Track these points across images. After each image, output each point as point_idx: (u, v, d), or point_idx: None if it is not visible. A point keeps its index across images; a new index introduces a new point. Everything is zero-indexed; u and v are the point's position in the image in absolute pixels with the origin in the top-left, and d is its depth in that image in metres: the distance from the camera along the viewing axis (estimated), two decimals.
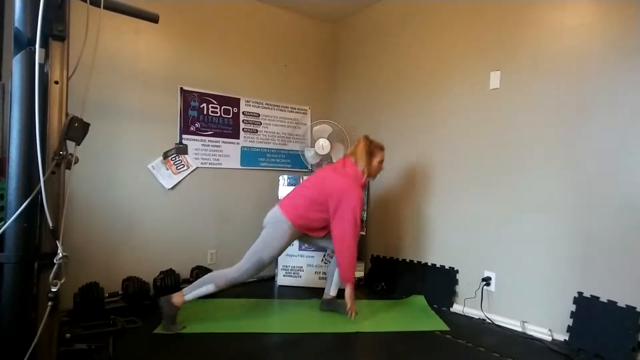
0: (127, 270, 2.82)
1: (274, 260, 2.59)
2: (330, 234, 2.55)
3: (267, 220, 2.53)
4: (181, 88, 3.14)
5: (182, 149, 3.14)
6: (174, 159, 3.10)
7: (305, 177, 3.29)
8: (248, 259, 2.42)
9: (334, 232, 2.49)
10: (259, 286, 3.29)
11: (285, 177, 3.35)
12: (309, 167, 3.70)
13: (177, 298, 2.29)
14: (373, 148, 2.62)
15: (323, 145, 3.40)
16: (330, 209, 2.47)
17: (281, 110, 3.71)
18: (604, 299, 2.12)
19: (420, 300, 2.90)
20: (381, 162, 2.66)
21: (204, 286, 2.33)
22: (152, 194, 3.00)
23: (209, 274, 2.41)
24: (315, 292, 3.02)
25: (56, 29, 1.35)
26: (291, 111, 3.77)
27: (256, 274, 2.44)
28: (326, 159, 3.51)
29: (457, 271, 2.85)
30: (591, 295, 2.16)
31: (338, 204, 2.45)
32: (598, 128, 2.18)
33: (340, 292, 2.70)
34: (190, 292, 2.31)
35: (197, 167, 3.21)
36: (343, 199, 2.45)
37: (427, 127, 3.11)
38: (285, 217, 2.45)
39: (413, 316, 2.65)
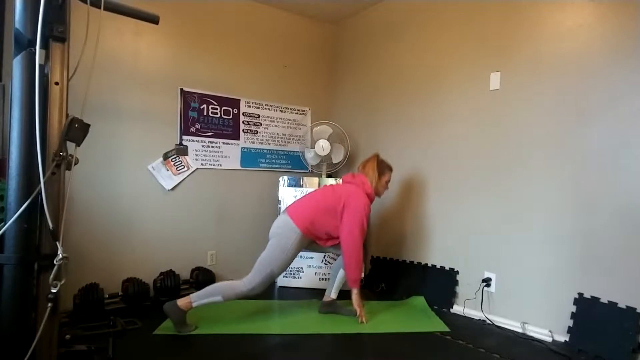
0: (127, 271, 2.82)
1: (283, 272, 2.56)
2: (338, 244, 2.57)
3: (274, 230, 2.49)
4: (181, 89, 3.14)
5: (182, 150, 3.14)
6: (174, 159, 3.10)
7: (305, 178, 3.31)
8: (258, 272, 2.37)
9: (341, 235, 2.50)
10: None
11: (286, 178, 3.35)
12: (309, 168, 3.70)
13: (183, 303, 2.27)
14: (383, 167, 2.70)
15: (323, 146, 3.40)
16: (338, 212, 2.49)
17: (281, 111, 3.71)
18: (604, 299, 2.11)
19: (420, 301, 2.90)
20: (388, 182, 2.73)
21: (212, 297, 2.31)
22: (152, 195, 3.00)
23: (218, 286, 2.37)
24: (315, 293, 3.02)
25: (56, 30, 1.36)
26: (291, 112, 3.78)
27: (266, 287, 2.40)
28: (326, 160, 3.51)
29: (457, 272, 2.84)
30: (591, 296, 2.16)
31: (344, 207, 2.49)
32: (598, 128, 2.18)
33: (341, 294, 2.70)
34: (198, 301, 2.29)
35: (197, 168, 3.21)
36: (348, 203, 2.49)
37: (427, 128, 3.11)
38: (293, 224, 2.43)
39: (413, 317, 2.65)
